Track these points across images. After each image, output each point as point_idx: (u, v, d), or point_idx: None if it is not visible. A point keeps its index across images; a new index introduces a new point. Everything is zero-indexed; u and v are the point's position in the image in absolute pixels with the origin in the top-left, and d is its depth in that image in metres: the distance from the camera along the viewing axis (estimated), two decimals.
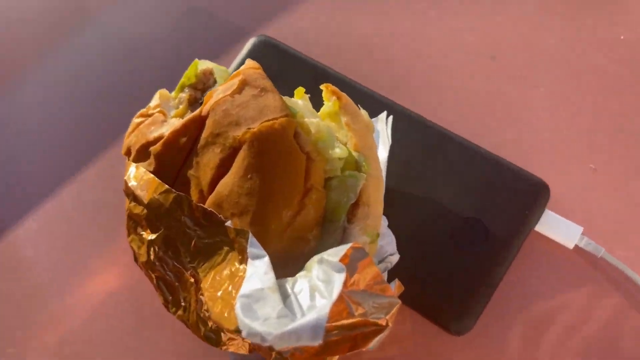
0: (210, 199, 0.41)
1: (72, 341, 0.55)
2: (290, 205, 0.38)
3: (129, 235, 0.48)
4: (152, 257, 0.46)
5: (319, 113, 0.42)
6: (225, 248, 0.41)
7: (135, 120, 0.48)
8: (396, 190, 0.50)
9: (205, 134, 0.41)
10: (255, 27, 0.63)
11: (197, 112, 0.42)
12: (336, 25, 0.62)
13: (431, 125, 0.53)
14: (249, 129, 0.39)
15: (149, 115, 0.47)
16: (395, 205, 0.49)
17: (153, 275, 0.47)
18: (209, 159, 0.41)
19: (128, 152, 0.48)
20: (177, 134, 0.43)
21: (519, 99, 0.57)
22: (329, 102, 0.41)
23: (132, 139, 0.47)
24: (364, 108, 0.44)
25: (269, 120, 0.38)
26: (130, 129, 0.48)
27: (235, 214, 0.39)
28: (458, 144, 0.53)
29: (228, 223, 0.39)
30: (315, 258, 0.36)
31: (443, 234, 0.50)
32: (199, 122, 0.41)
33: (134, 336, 0.55)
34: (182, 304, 0.45)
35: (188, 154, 0.43)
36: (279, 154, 0.38)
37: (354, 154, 0.40)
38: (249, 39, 0.60)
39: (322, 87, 0.42)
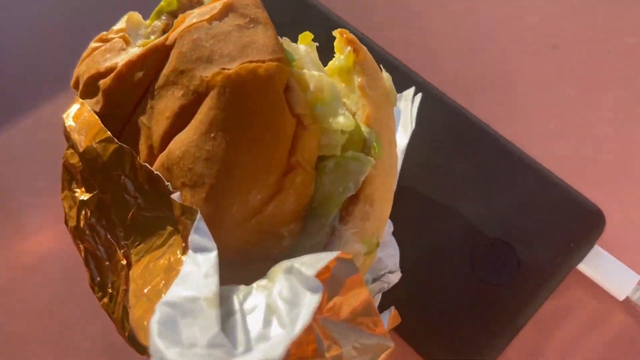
0: (160, 158, 0.30)
1: None
2: (263, 184, 0.27)
3: (62, 190, 0.38)
4: (82, 223, 0.35)
5: (326, 68, 0.31)
6: (169, 228, 0.30)
7: (92, 44, 0.37)
8: (409, 188, 0.39)
9: (166, 69, 0.30)
10: None
11: (161, 39, 0.31)
12: None
13: (466, 114, 0.42)
14: (223, 69, 0.28)
15: (109, 41, 0.36)
16: (405, 208, 0.38)
17: (82, 247, 0.36)
18: (165, 105, 0.30)
19: (76, 84, 0.37)
20: (132, 66, 0.32)
21: (580, 102, 0.46)
22: (342, 55, 0.30)
23: (83, 67, 0.36)
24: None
25: (252, 62, 0.27)
26: (84, 55, 0.37)
27: (186, 184, 0.28)
28: (496, 143, 0.41)
29: (175, 196, 0.28)
30: (283, 264, 0.25)
31: (462, 254, 0.38)
32: (162, 53, 0.30)
33: (57, 314, 0.44)
34: (109, 290, 0.34)
35: (143, 95, 0.32)
36: (257, 110, 0.27)
37: (364, 128, 0.29)
38: None
39: (335, 32, 0.30)
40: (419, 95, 0.39)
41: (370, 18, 0.49)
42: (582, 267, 0.39)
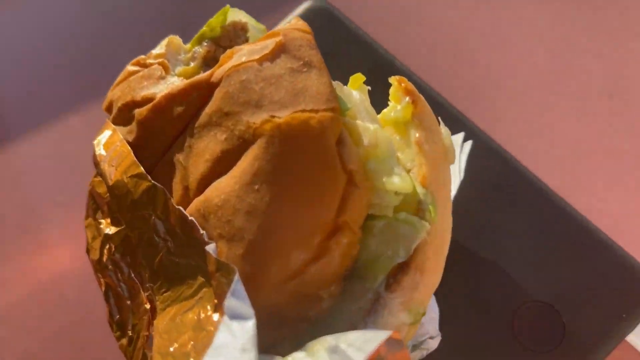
0: (195, 203, 0.28)
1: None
2: (307, 245, 0.25)
3: (86, 217, 0.36)
4: (105, 257, 0.33)
5: (379, 116, 0.29)
6: (200, 279, 0.28)
7: (129, 68, 0.35)
8: (453, 241, 0.36)
9: (210, 108, 0.28)
10: None
11: (206, 74, 0.28)
12: (417, 9, 0.48)
13: (519, 167, 0.39)
14: (273, 117, 0.25)
15: (147, 66, 0.34)
16: (447, 262, 0.35)
17: (102, 281, 0.34)
18: (206, 146, 0.28)
19: (109, 108, 0.35)
20: (172, 99, 0.30)
21: (638, 160, 0.43)
22: (398, 105, 0.28)
23: (117, 92, 0.34)
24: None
25: (305, 112, 0.25)
26: (119, 78, 0.35)
27: (223, 236, 0.26)
28: (550, 202, 0.39)
29: (210, 247, 0.26)
30: (326, 341, 0.22)
31: (501, 317, 0.36)
32: (205, 90, 0.28)
33: (71, 338, 0.42)
34: (129, 332, 0.32)
35: (182, 131, 0.30)
36: (308, 165, 0.25)
37: (419, 190, 0.26)
38: (303, 0, 0.47)
39: (392, 80, 0.28)
40: (469, 143, 0.37)
41: (414, 49, 0.47)
42: (632, 338, 0.37)
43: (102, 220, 0.34)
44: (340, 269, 0.26)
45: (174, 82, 0.31)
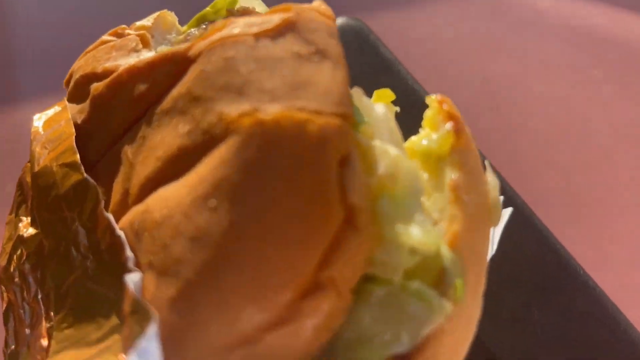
0: (132, 213, 0.20)
1: None
2: (269, 302, 0.17)
3: (11, 212, 0.28)
4: (13, 264, 0.25)
5: (405, 144, 0.21)
6: (114, 320, 0.19)
7: (103, 37, 0.28)
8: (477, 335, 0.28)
9: (177, 89, 0.20)
10: (349, 4, 0.43)
11: (184, 46, 0.21)
12: (458, 48, 0.42)
13: (559, 250, 0.31)
14: (257, 110, 0.18)
15: (123, 36, 0.27)
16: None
17: (5, 296, 0.26)
18: (162, 139, 0.20)
19: (68, 82, 0.28)
20: (135, 74, 0.22)
21: None
22: (434, 133, 0.20)
23: (81, 62, 0.27)
24: None
25: (303, 111, 0.18)
26: (88, 49, 0.28)
27: (154, 266, 0.18)
28: (590, 295, 0.30)
29: (132, 278, 0.18)
30: None
31: None
32: (179, 66, 0.21)
33: None
34: None
35: (140, 117, 0.22)
36: (292, 184, 0.17)
37: (446, 253, 0.18)
38: (336, 16, 0.40)
39: (431, 98, 0.21)
40: (508, 210, 0.29)
41: (450, 87, 0.40)
42: None
43: (24, 218, 0.26)
44: (312, 345, 0.18)
45: (147, 56, 0.24)
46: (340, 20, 0.41)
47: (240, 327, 0.17)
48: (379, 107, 0.21)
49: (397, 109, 0.22)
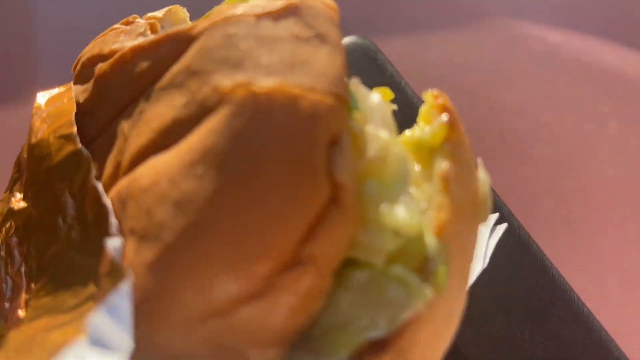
0: (120, 183, 0.20)
1: None
2: (246, 272, 0.17)
3: (6, 189, 0.28)
4: (1, 238, 0.25)
5: (401, 135, 0.21)
6: (92, 287, 0.19)
7: (114, 25, 0.28)
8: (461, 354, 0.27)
9: (177, 65, 0.21)
10: (359, 24, 0.44)
11: (188, 25, 0.21)
12: (471, 80, 0.42)
13: (555, 275, 0.30)
14: (251, 83, 0.18)
15: (132, 24, 0.27)
16: None
17: None
18: (157, 113, 0.20)
19: (76, 67, 0.28)
20: (139, 52, 0.23)
21: None
22: (429, 125, 0.20)
23: (90, 46, 0.27)
24: None
25: (296, 87, 0.18)
26: (99, 36, 0.29)
27: (135, 231, 0.18)
28: (586, 325, 0.30)
29: (112, 242, 0.18)
30: None
31: None
32: (181, 44, 0.21)
33: None
34: None
35: (142, 92, 0.22)
36: (279, 156, 0.17)
37: (429, 239, 0.18)
38: (345, 35, 0.41)
39: (427, 93, 0.21)
40: (503, 227, 0.28)
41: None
42: None
43: (17, 194, 0.26)
44: (288, 324, 0.17)
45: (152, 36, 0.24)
46: (348, 39, 0.41)
47: (215, 296, 0.17)
48: (375, 96, 0.21)
49: (395, 106, 0.23)
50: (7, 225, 0.25)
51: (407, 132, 0.21)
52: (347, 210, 0.17)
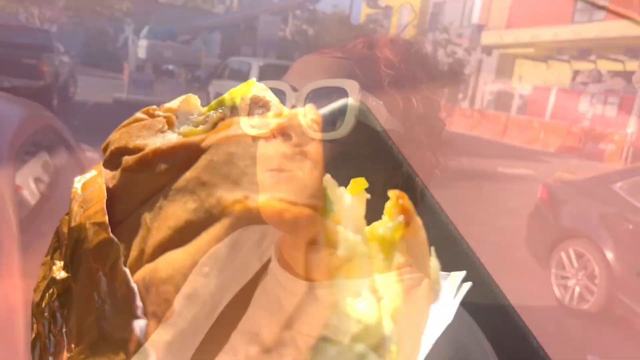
0: (144, 269, 0.25)
1: None
2: (238, 356, 0.21)
3: (47, 254, 0.33)
4: (45, 301, 0.30)
5: (368, 228, 0.26)
6: (121, 355, 0.24)
7: (137, 115, 0.34)
8: None
9: (190, 173, 0.26)
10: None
11: (199, 137, 0.27)
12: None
13: (524, 330, 0.35)
14: (247, 198, 0.23)
15: (154, 117, 0.32)
16: None
17: (35, 327, 0.31)
18: (174, 212, 0.25)
19: (105, 150, 0.34)
20: (159, 155, 0.28)
21: None
22: (390, 222, 0.25)
23: (117, 135, 0.33)
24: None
25: (282, 201, 0.23)
26: (124, 123, 0.34)
27: (157, 315, 0.23)
28: None
29: (138, 324, 0.23)
30: None
31: None
32: (193, 153, 0.26)
33: None
34: None
35: (159, 190, 0.28)
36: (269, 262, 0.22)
37: (386, 324, 0.23)
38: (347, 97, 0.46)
39: (391, 193, 0.26)
40: (468, 285, 0.33)
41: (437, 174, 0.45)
42: None
43: (58, 262, 0.31)
44: None
45: (171, 139, 0.30)
46: (344, 101, 0.46)
47: None
48: (349, 197, 0.26)
49: (368, 196, 0.27)
50: (50, 291, 0.30)
51: (376, 224, 0.26)
52: (321, 300, 0.22)
